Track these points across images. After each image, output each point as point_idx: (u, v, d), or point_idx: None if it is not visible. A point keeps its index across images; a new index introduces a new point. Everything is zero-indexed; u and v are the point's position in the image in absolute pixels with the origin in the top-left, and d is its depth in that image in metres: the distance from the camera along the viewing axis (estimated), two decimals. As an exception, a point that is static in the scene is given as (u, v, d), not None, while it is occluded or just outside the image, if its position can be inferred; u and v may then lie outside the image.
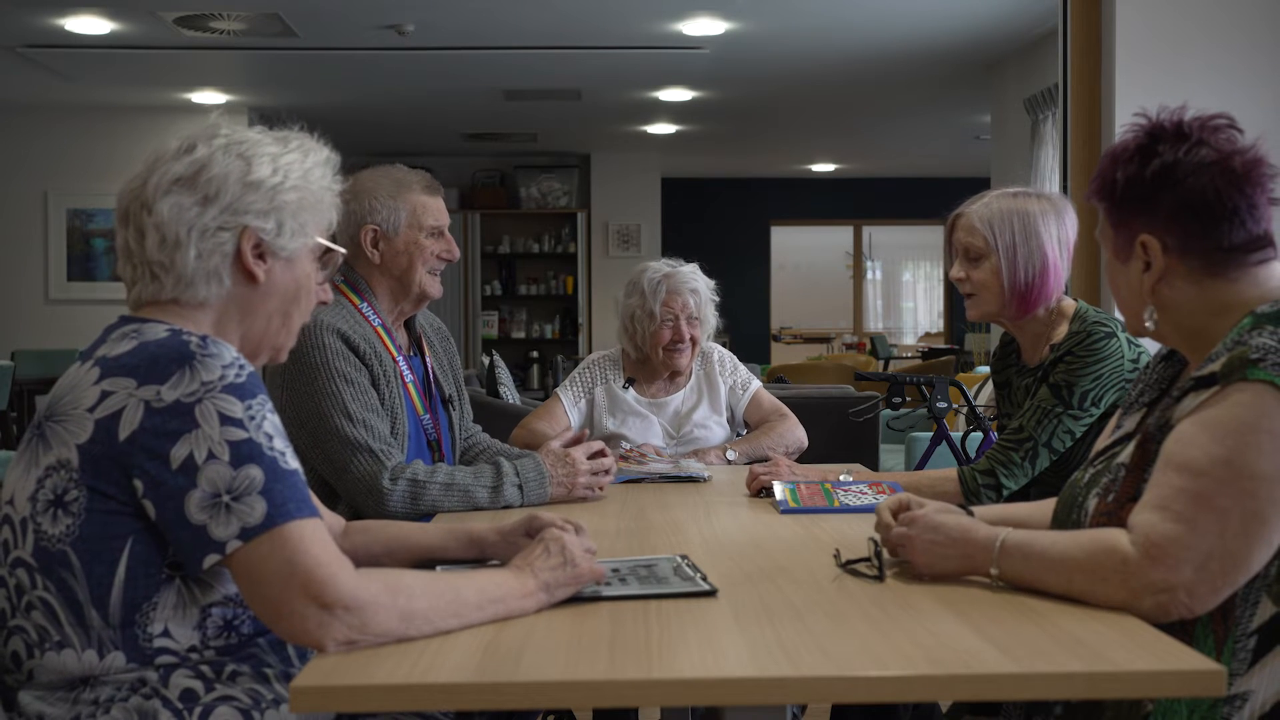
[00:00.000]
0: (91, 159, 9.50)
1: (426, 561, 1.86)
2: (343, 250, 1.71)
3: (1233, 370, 1.46)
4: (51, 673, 1.46)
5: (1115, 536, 1.47)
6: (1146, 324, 1.65)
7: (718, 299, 3.40)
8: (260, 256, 1.57)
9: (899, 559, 1.70)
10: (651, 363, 3.34)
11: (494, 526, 1.83)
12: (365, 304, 2.59)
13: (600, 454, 2.53)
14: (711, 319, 3.37)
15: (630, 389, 3.33)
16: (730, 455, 3.13)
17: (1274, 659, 1.46)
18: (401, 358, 2.60)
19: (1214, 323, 1.59)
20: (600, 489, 2.51)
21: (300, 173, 1.60)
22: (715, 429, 3.31)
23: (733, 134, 10.88)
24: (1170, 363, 1.73)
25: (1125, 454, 1.61)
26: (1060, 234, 2.48)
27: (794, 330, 15.31)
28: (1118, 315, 2.37)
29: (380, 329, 2.57)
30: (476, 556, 1.84)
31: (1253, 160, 1.58)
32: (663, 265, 3.37)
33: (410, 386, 2.60)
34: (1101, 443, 1.76)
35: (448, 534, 1.88)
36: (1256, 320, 1.52)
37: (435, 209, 2.63)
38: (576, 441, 2.58)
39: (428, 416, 2.65)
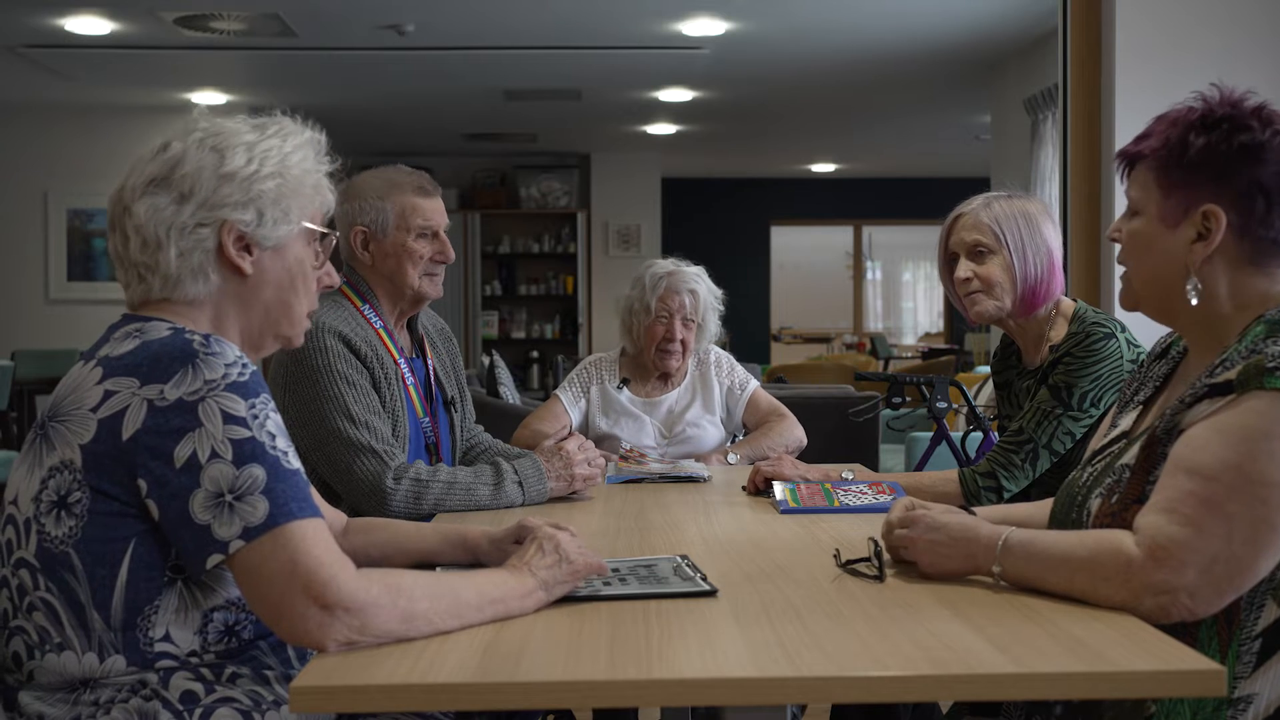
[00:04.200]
0: (91, 159, 9.48)
1: (424, 564, 1.85)
2: (336, 233, 1.68)
3: (1249, 379, 1.46)
4: (52, 674, 1.46)
5: (1119, 537, 1.47)
6: (1190, 296, 1.58)
7: (722, 308, 3.39)
8: (245, 249, 1.55)
9: (899, 559, 1.70)
10: (645, 361, 3.34)
11: (486, 533, 1.83)
12: (367, 306, 2.59)
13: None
14: (712, 326, 3.36)
15: (624, 389, 3.33)
16: (731, 458, 3.13)
17: (1278, 662, 1.46)
18: (403, 360, 2.60)
19: (1235, 314, 1.58)
20: (590, 482, 2.51)
21: (278, 158, 1.57)
22: (709, 429, 3.31)
23: (733, 134, 10.88)
24: (1165, 360, 1.73)
25: (1129, 455, 1.61)
26: (1055, 235, 2.52)
27: (794, 330, 15.31)
28: (1117, 315, 2.38)
29: (382, 331, 2.57)
30: (470, 562, 1.83)
31: None
32: (668, 263, 3.38)
33: (411, 389, 2.60)
34: (1096, 442, 1.76)
35: (443, 539, 1.88)
36: (1270, 328, 1.52)
37: (427, 210, 2.60)
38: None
39: (427, 419, 2.64)
